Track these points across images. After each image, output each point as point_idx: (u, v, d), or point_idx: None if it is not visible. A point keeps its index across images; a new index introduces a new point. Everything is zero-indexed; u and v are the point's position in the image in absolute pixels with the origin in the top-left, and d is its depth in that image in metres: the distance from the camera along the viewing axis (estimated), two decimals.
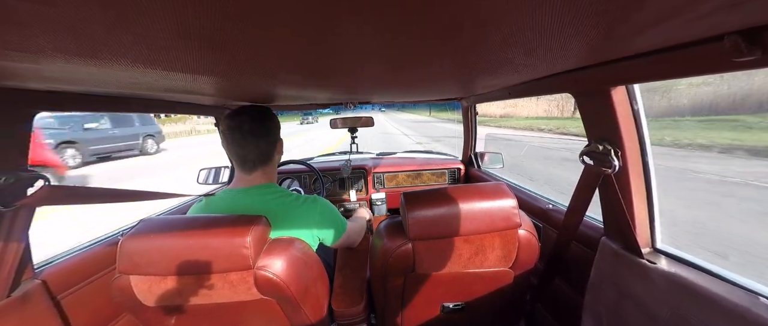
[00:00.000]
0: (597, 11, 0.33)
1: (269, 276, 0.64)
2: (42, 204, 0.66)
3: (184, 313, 0.71)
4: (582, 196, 0.87)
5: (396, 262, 0.77)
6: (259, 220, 0.67)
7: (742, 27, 0.38)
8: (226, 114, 0.86)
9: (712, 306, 0.58)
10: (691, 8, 0.32)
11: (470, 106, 1.86)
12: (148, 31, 0.33)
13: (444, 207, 0.74)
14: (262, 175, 0.88)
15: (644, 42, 0.47)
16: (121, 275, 0.66)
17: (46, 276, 0.77)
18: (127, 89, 0.77)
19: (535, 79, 0.91)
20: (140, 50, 0.41)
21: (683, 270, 0.67)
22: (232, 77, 0.65)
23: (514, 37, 0.42)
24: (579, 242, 0.98)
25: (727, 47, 0.40)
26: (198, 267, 0.64)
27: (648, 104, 0.92)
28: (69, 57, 0.42)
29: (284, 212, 0.83)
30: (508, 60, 0.60)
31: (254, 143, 0.84)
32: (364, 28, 0.36)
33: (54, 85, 0.65)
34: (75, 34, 0.34)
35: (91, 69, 0.50)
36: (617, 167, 0.76)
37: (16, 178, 0.65)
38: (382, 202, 1.97)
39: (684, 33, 0.43)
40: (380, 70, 0.66)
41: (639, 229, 0.78)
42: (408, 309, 0.90)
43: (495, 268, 0.82)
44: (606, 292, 0.83)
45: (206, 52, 0.43)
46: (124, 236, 0.65)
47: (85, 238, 0.98)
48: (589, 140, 0.84)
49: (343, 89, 1.03)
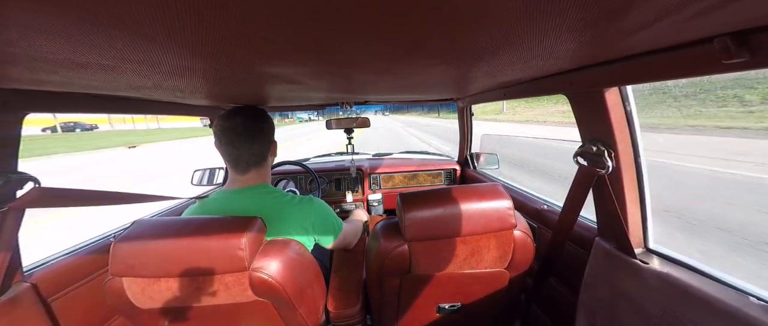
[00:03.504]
0: (590, 14, 0.33)
1: (264, 278, 0.64)
2: (32, 206, 0.65)
3: (177, 315, 0.70)
4: (576, 197, 0.87)
5: (392, 263, 0.77)
6: (255, 221, 0.67)
7: (731, 30, 0.39)
8: (220, 115, 0.86)
9: (704, 305, 0.59)
10: (681, 11, 0.33)
11: (465, 106, 1.87)
12: (138, 31, 0.33)
13: (440, 208, 0.74)
14: (256, 176, 0.88)
15: (637, 44, 0.48)
16: (114, 277, 0.65)
17: (36, 278, 0.76)
18: (122, 91, 0.76)
19: (529, 81, 0.92)
20: (131, 52, 0.40)
21: (675, 270, 0.68)
22: (226, 78, 0.65)
23: (509, 39, 0.42)
24: (573, 243, 0.99)
25: (717, 49, 0.41)
26: (192, 269, 0.63)
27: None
28: (59, 61, 0.42)
29: (280, 213, 0.82)
30: (503, 62, 0.60)
31: (248, 144, 0.84)
32: (359, 31, 0.36)
33: (45, 86, 0.64)
34: (67, 39, 0.33)
35: (81, 72, 0.50)
36: (611, 167, 0.76)
37: (6, 180, 0.64)
38: (378, 203, 1.97)
39: (675, 35, 0.43)
40: (375, 71, 0.66)
41: (632, 229, 0.79)
42: (404, 310, 0.90)
43: (491, 269, 0.82)
44: (600, 292, 0.84)
45: (199, 52, 0.43)
46: (117, 238, 0.64)
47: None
48: (583, 140, 0.85)
49: (338, 90, 1.03)
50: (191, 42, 0.38)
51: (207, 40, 0.37)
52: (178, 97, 0.94)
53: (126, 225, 0.73)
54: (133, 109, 0.99)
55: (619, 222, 0.78)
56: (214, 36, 0.36)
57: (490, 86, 1.10)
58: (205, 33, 0.35)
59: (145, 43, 0.38)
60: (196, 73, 0.58)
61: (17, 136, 0.70)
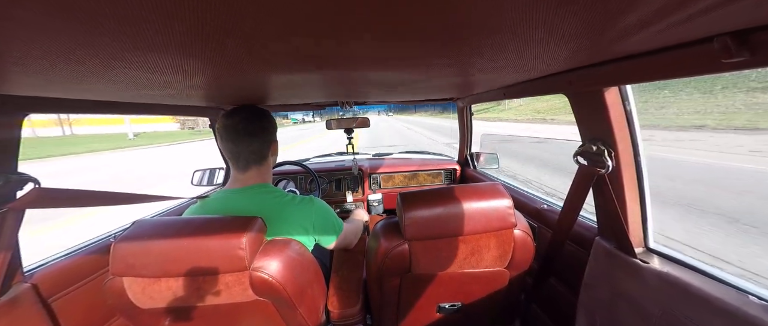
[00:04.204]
0: (590, 14, 0.33)
1: (265, 277, 0.64)
2: (31, 207, 0.65)
3: (178, 315, 0.70)
4: (576, 196, 0.87)
5: (392, 262, 0.77)
6: (255, 221, 0.67)
7: (730, 29, 0.39)
8: (222, 113, 0.87)
9: (704, 304, 0.59)
10: (681, 11, 0.33)
11: (465, 106, 1.87)
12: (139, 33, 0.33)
13: (440, 207, 0.74)
14: (257, 175, 0.88)
15: (636, 44, 0.48)
16: (115, 277, 0.65)
17: (36, 279, 0.76)
18: (122, 93, 0.76)
19: (529, 80, 0.92)
20: (133, 54, 0.40)
21: (675, 270, 0.68)
22: (226, 77, 0.65)
23: (509, 39, 0.42)
24: (573, 242, 0.99)
25: (717, 49, 0.41)
26: (193, 269, 0.63)
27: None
28: (59, 64, 0.42)
29: (280, 213, 0.82)
30: (503, 63, 0.60)
31: (248, 141, 0.84)
32: (361, 31, 0.36)
33: (45, 89, 0.65)
34: (67, 42, 0.33)
35: (81, 74, 0.50)
36: (611, 167, 0.76)
37: (6, 181, 0.64)
38: (378, 203, 1.97)
39: (675, 35, 0.43)
40: (376, 70, 0.66)
41: (632, 229, 0.79)
42: (404, 309, 0.90)
43: (491, 268, 0.82)
44: (600, 291, 0.84)
45: (198, 51, 0.43)
46: (117, 238, 0.64)
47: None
48: (583, 140, 0.85)
49: (338, 90, 1.03)
50: (193, 43, 0.38)
51: (208, 40, 0.37)
52: (177, 98, 0.95)
53: (126, 225, 0.73)
54: (132, 110, 0.99)
55: (619, 222, 0.78)
56: (215, 36, 0.36)
57: (490, 86, 1.10)
58: (207, 33, 0.35)
59: (146, 44, 0.37)
60: (197, 74, 0.58)
61: (17, 137, 0.70)
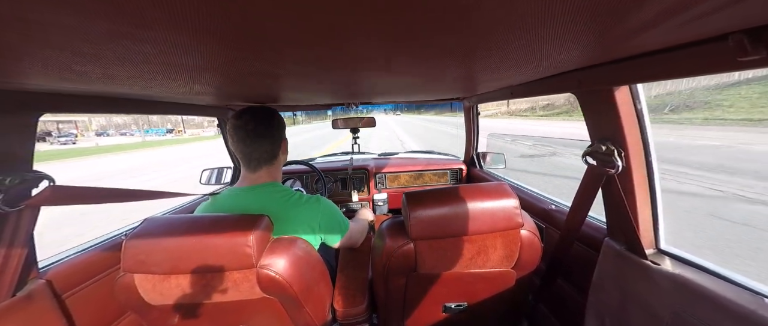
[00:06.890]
0: (600, 11, 0.32)
1: (271, 275, 0.65)
2: (46, 204, 0.67)
3: (187, 312, 0.71)
4: (585, 196, 0.86)
5: (398, 262, 0.77)
6: (262, 219, 0.68)
7: (746, 26, 0.38)
8: (232, 114, 0.88)
9: (717, 307, 0.58)
10: (694, 7, 0.32)
11: (472, 106, 1.85)
12: (152, 33, 0.34)
13: (446, 207, 0.74)
14: (267, 174, 0.89)
15: (647, 41, 0.47)
16: (126, 273, 0.66)
17: (50, 275, 0.78)
18: (135, 92, 0.77)
19: (537, 80, 0.91)
20: (147, 53, 0.41)
21: (687, 272, 0.67)
22: (235, 77, 0.66)
23: (518, 38, 0.42)
24: (582, 243, 0.98)
25: (732, 46, 0.40)
26: (201, 266, 0.64)
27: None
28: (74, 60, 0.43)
29: (287, 212, 0.83)
30: (510, 62, 0.60)
31: (259, 141, 0.86)
32: (369, 31, 0.36)
33: (60, 87, 0.66)
34: (82, 38, 0.34)
35: (96, 74, 0.51)
36: (620, 167, 0.75)
37: (21, 179, 0.66)
38: (384, 202, 1.97)
39: (688, 32, 0.42)
40: (383, 71, 0.66)
41: (643, 230, 0.78)
42: (410, 309, 0.90)
43: (497, 268, 0.81)
44: (609, 293, 0.82)
45: (208, 50, 0.43)
46: (129, 236, 0.65)
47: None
48: (592, 140, 0.84)
49: (345, 90, 1.03)
50: (212, 43, 0.39)
51: (223, 40, 0.38)
52: (189, 97, 0.96)
53: (137, 222, 0.74)
54: (145, 109, 1.01)
55: (629, 223, 0.76)
56: (231, 35, 0.36)
57: (497, 85, 1.09)
58: (225, 32, 0.35)
59: (168, 44, 0.38)
60: (210, 73, 0.59)
61: (32, 137, 0.72)
